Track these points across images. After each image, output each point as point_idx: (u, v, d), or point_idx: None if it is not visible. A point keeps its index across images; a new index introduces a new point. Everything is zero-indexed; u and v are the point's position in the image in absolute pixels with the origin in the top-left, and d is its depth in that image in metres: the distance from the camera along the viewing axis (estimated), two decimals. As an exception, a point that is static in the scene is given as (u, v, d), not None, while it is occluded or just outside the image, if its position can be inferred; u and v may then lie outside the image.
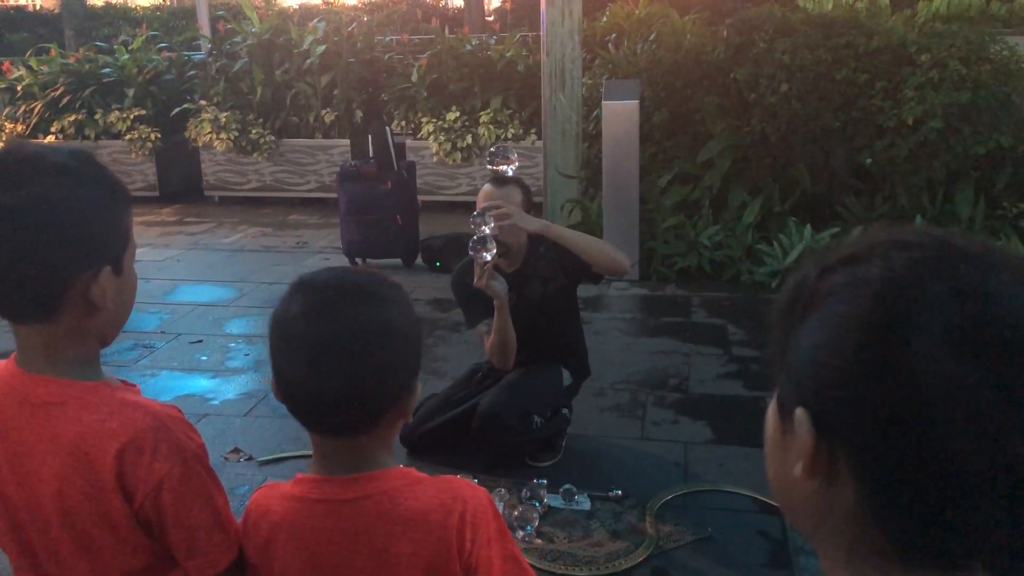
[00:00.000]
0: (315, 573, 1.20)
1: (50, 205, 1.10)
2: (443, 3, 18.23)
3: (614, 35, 7.77)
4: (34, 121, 8.24)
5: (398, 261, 5.97)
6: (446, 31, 8.61)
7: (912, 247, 0.62)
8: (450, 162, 7.46)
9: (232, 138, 7.83)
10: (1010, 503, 0.57)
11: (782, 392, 0.67)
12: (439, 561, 1.17)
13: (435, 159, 7.50)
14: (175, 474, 1.15)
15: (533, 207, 3.23)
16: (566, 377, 3.38)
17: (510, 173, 3.12)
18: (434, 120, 7.46)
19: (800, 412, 0.63)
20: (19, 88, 8.45)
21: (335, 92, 7.76)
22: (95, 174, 1.16)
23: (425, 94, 7.52)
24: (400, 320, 1.17)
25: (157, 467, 1.14)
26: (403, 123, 7.65)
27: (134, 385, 1.25)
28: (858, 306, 0.60)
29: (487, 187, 3.13)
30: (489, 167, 3.16)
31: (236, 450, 3.42)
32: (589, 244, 3.08)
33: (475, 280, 2.91)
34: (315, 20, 8.35)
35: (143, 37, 9.23)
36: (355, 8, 14.35)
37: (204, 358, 4.47)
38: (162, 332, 4.79)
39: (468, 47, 7.77)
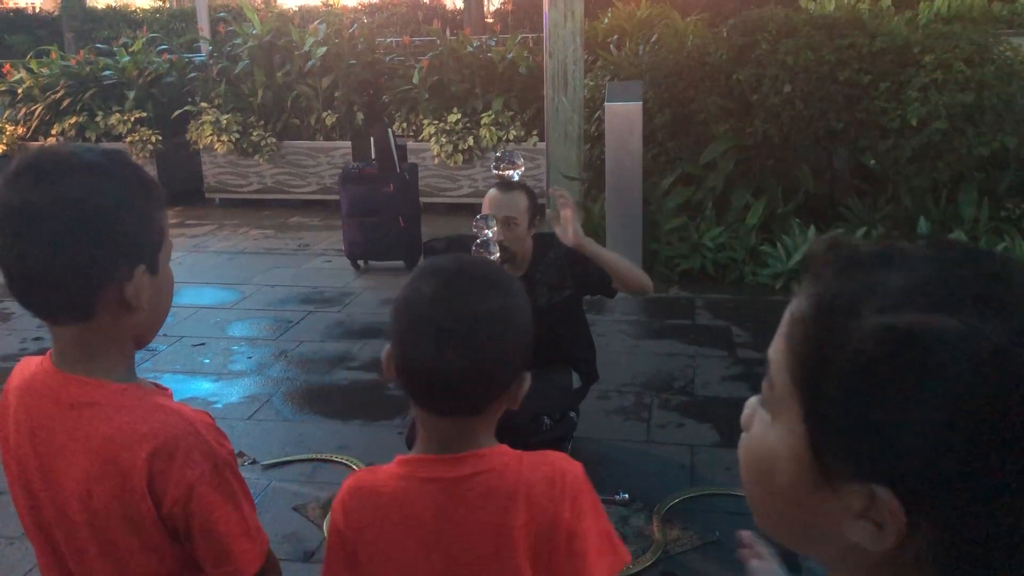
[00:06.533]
0: (426, 551, 1.21)
1: (83, 205, 1.09)
2: (443, 3, 18.21)
3: (616, 36, 7.76)
4: (35, 124, 8.23)
5: (400, 263, 5.95)
6: (447, 33, 8.59)
7: (1008, 309, 0.57)
8: (452, 164, 7.44)
9: (233, 140, 7.82)
10: None
11: (832, 454, 0.62)
12: (548, 530, 1.21)
13: (436, 161, 7.48)
14: (205, 481, 1.14)
15: (538, 212, 3.22)
16: (575, 380, 3.36)
17: (516, 178, 3.10)
18: (435, 122, 7.45)
19: (885, 493, 0.58)
20: (19, 91, 8.44)
21: (336, 94, 7.75)
22: (128, 173, 1.15)
23: (426, 96, 7.51)
24: (520, 310, 1.22)
25: (188, 473, 1.13)
26: (404, 125, 7.64)
27: (167, 389, 1.24)
28: (961, 382, 0.56)
29: (492, 192, 3.11)
30: (495, 171, 3.13)
31: (240, 454, 3.41)
32: (626, 266, 3.02)
33: None
34: (316, 22, 8.35)
35: (143, 39, 9.22)
36: (355, 10, 14.36)
37: (207, 361, 4.46)
38: (164, 335, 4.77)
39: (469, 49, 7.76)
